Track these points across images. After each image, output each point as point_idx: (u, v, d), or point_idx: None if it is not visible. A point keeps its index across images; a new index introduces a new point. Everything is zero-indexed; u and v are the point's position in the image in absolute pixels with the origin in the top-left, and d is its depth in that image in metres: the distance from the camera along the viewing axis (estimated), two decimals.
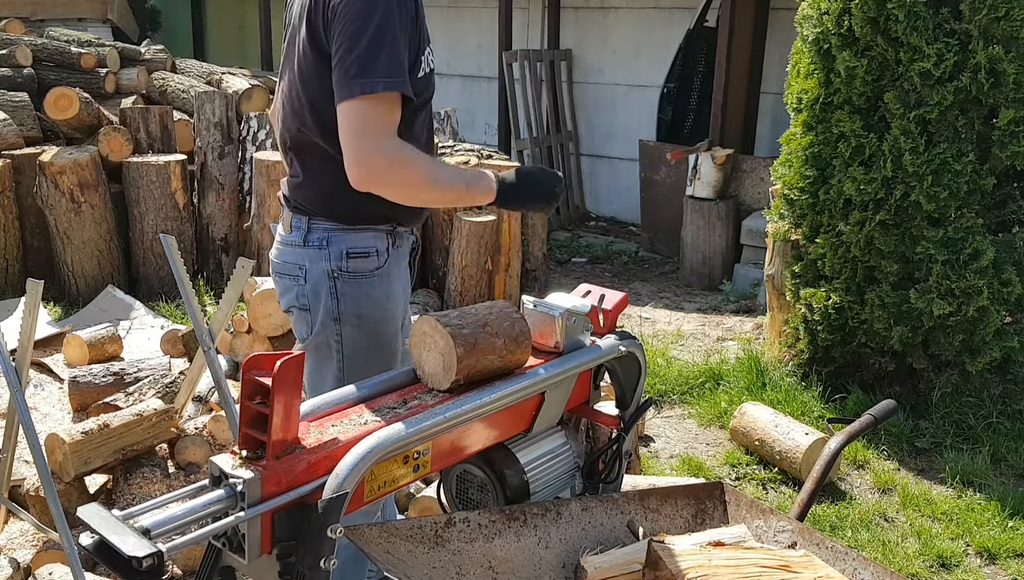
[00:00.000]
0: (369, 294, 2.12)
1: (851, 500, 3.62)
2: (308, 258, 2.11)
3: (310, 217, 2.11)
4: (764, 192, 6.31)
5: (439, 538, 1.52)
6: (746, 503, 1.83)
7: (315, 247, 2.10)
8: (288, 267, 2.16)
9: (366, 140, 1.86)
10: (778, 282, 4.59)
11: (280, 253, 2.19)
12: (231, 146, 5.92)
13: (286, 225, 2.17)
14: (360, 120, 1.86)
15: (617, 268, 7.12)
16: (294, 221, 2.13)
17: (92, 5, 10.13)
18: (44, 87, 6.14)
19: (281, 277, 2.20)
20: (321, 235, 2.10)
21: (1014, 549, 3.26)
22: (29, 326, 2.54)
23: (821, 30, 4.10)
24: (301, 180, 2.12)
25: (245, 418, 1.37)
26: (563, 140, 8.21)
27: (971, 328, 3.95)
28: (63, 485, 2.86)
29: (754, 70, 7.24)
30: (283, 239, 2.18)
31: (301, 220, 2.12)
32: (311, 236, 2.11)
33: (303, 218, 2.11)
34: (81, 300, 5.41)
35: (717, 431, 4.22)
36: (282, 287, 2.22)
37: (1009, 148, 3.81)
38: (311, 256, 2.11)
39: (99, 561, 1.21)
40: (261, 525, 1.34)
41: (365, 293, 2.12)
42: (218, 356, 2.85)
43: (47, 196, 5.34)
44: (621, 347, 1.85)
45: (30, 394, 3.90)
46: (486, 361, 1.64)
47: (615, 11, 8.12)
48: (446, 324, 1.61)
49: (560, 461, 1.86)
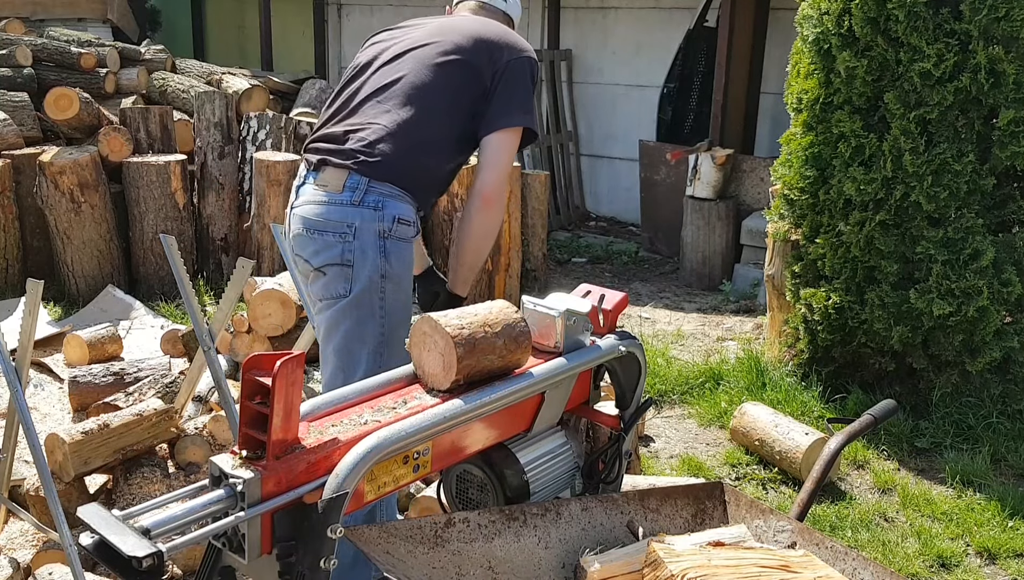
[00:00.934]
0: (407, 260, 2.38)
1: (851, 500, 3.62)
2: (361, 217, 2.29)
3: (371, 179, 2.30)
4: (764, 192, 6.31)
5: (439, 538, 1.52)
6: (746, 503, 1.83)
7: (370, 208, 2.30)
8: (334, 224, 2.31)
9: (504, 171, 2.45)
10: (778, 282, 4.59)
11: (323, 211, 2.33)
12: (231, 146, 5.92)
13: (334, 184, 2.32)
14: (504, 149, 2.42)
15: (617, 268, 7.12)
16: (349, 181, 2.31)
17: (92, 5, 10.12)
18: (44, 87, 6.14)
19: (321, 233, 2.32)
20: (377, 198, 2.30)
21: (1014, 549, 3.26)
22: (29, 326, 2.54)
23: (821, 30, 4.10)
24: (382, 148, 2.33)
25: (245, 418, 1.37)
26: (563, 140, 8.21)
27: (971, 328, 3.95)
28: (63, 485, 2.86)
29: (754, 70, 7.24)
30: (329, 198, 2.33)
31: (360, 180, 2.30)
32: (368, 197, 2.30)
33: (363, 179, 2.30)
34: (81, 300, 5.41)
35: (717, 431, 4.22)
36: (321, 244, 2.33)
37: (1009, 148, 3.81)
38: (364, 216, 2.29)
39: (99, 561, 1.21)
40: (261, 525, 1.34)
41: (405, 258, 2.37)
42: (218, 356, 2.85)
43: (47, 196, 5.34)
44: (621, 347, 1.85)
45: (30, 394, 3.90)
46: (486, 361, 1.63)
47: (615, 11, 8.12)
48: (446, 324, 1.61)
49: (560, 461, 1.86)
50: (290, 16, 10.06)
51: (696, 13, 7.66)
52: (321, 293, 2.38)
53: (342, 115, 2.49)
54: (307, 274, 2.43)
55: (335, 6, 9.83)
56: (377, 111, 2.42)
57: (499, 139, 2.40)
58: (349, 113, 2.48)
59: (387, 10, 9.48)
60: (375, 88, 2.47)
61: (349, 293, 2.31)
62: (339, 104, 2.53)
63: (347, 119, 2.46)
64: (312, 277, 2.41)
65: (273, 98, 7.13)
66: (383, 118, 2.39)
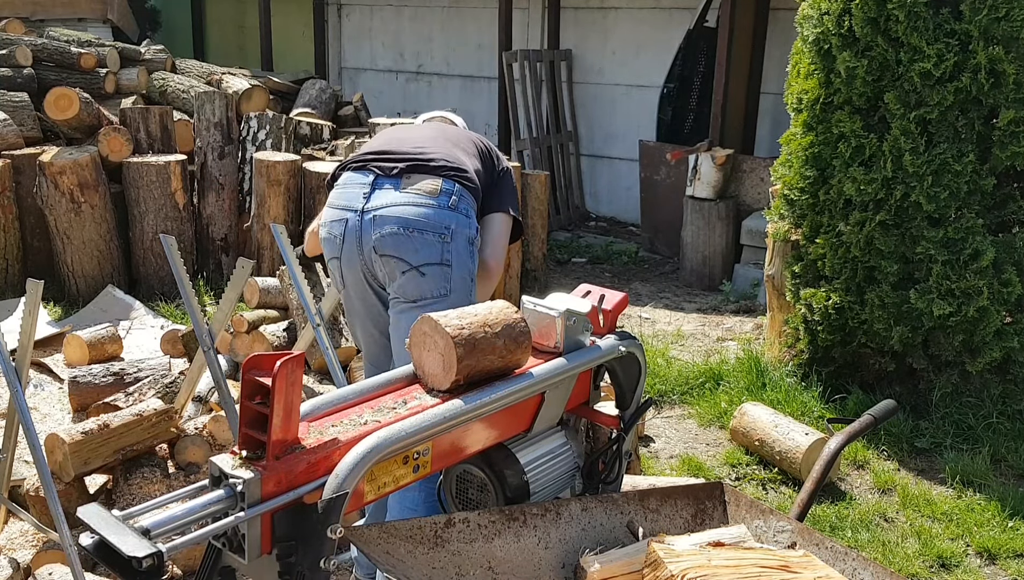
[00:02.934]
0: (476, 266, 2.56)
1: (851, 500, 3.62)
2: (456, 221, 2.42)
3: (463, 188, 2.46)
4: (764, 192, 6.31)
5: (439, 538, 1.52)
6: (746, 503, 1.83)
7: (463, 214, 2.43)
8: (435, 225, 2.41)
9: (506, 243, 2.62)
10: (778, 282, 4.59)
11: (424, 212, 2.42)
12: (231, 146, 5.92)
13: (430, 188, 2.44)
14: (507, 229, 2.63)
15: (617, 268, 7.12)
16: (444, 185, 2.44)
17: (92, 5, 10.12)
18: (44, 87, 6.14)
19: (422, 233, 2.41)
20: (468, 207, 2.47)
21: (1014, 549, 3.26)
22: (29, 326, 2.54)
23: (821, 30, 4.10)
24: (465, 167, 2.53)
25: (245, 418, 1.37)
26: (563, 140, 8.20)
27: (971, 328, 3.95)
28: (63, 485, 2.86)
29: (754, 70, 7.24)
30: (425, 200, 2.42)
31: (454, 186, 2.44)
32: (461, 204, 2.43)
33: (456, 185, 2.45)
34: (81, 300, 5.41)
35: (717, 431, 4.22)
36: (420, 242, 2.41)
37: (1009, 148, 3.81)
38: (459, 221, 2.42)
39: (99, 561, 1.21)
40: (261, 525, 1.34)
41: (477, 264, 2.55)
42: (218, 356, 2.85)
43: (47, 196, 5.34)
44: (621, 347, 1.85)
45: (30, 394, 3.90)
46: (486, 361, 1.63)
47: (615, 11, 8.12)
48: (446, 324, 1.61)
49: (560, 461, 1.85)
50: (290, 16, 10.06)
51: (696, 13, 7.66)
52: (416, 293, 2.43)
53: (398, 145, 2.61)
54: (393, 274, 2.46)
55: (335, 6, 9.83)
56: (439, 145, 2.58)
57: (504, 220, 2.61)
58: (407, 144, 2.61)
59: (387, 10, 9.48)
60: (424, 137, 2.64)
61: (449, 293, 2.41)
62: (382, 144, 2.65)
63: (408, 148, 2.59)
64: (404, 276, 2.44)
65: (273, 98, 7.13)
66: (452, 149, 2.57)
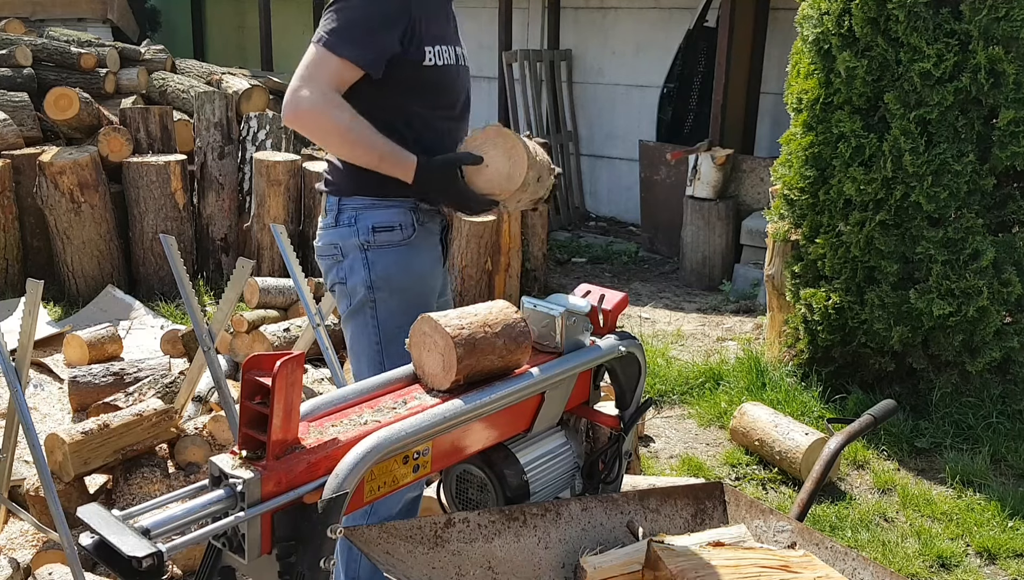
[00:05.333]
0: (398, 262, 2.36)
1: (851, 500, 3.62)
2: (340, 236, 2.35)
3: (340, 197, 2.35)
4: (764, 192, 6.32)
5: (439, 538, 1.52)
6: (746, 503, 1.83)
7: (345, 225, 2.35)
8: (326, 249, 2.40)
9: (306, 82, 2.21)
10: (778, 282, 4.59)
11: (319, 238, 2.43)
12: (231, 146, 5.92)
13: (323, 211, 2.42)
14: (310, 64, 2.23)
15: (617, 268, 7.12)
16: (327, 204, 2.39)
17: (92, 5, 10.12)
18: (44, 87, 6.14)
19: (323, 259, 2.42)
20: (350, 214, 2.35)
21: (1014, 549, 3.26)
22: (29, 326, 2.54)
23: (821, 30, 4.10)
24: (335, 163, 2.38)
25: (245, 418, 1.37)
26: (563, 140, 8.21)
27: (971, 328, 3.95)
28: (63, 485, 2.86)
29: (754, 70, 7.25)
30: (321, 225, 2.42)
31: (333, 201, 2.37)
32: (341, 216, 2.35)
33: (334, 199, 2.36)
34: (81, 300, 5.41)
35: (717, 431, 4.22)
36: (324, 268, 2.44)
37: (1009, 148, 3.81)
38: (343, 234, 2.35)
39: (99, 561, 1.20)
40: (261, 525, 1.34)
41: (394, 262, 2.36)
42: (218, 356, 2.86)
43: (47, 196, 5.34)
44: (621, 347, 1.85)
45: (30, 394, 3.90)
46: (486, 361, 1.63)
47: (615, 11, 8.12)
48: (446, 324, 1.61)
49: (560, 461, 1.85)
50: (290, 16, 10.06)
51: (696, 13, 7.66)
52: (340, 309, 2.47)
53: None
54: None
55: None
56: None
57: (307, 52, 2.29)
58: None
59: None
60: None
61: (348, 308, 2.39)
62: None
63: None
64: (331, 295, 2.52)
65: (273, 98, 7.13)
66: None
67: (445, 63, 2.36)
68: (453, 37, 2.42)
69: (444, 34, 2.37)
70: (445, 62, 2.36)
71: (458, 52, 2.43)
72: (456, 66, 2.40)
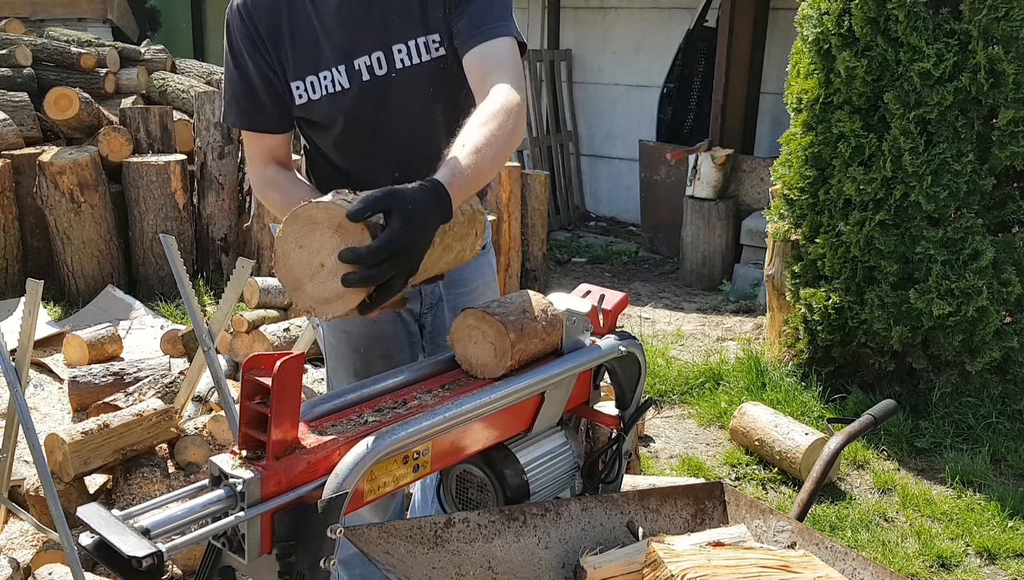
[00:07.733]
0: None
1: (851, 500, 3.62)
2: None
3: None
4: (764, 192, 6.32)
5: (438, 538, 1.52)
6: (746, 503, 1.83)
7: None
8: None
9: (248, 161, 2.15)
10: (778, 282, 4.59)
11: None
12: (231, 146, 5.92)
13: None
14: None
15: (617, 268, 7.12)
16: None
17: (92, 5, 10.12)
18: (44, 87, 6.14)
19: None
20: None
21: (1014, 549, 3.26)
22: (29, 326, 2.54)
23: (821, 30, 4.10)
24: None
25: (245, 418, 1.37)
26: (563, 140, 8.21)
27: (971, 328, 3.95)
28: (63, 485, 2.86)
29: (754, 70, 7.25)
30: None
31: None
32: None
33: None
34: (81, 300, 5.41)
35: (717, 431, 4.22)
36: None
37: (1009, 148, 3.81)
38: None
39: (99, 561, 1.20)
40: (261, 525, 1.34)
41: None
42: (218, 356, 2.85)
43: (47, 196, 5.34)
44: (621, 347, 1.85)
45: (30, 394, 3.90)
46: (532, 345, 1.68)
47: (615, 11, 8.12)
48: (492, 313, 1.65)
49: (560, 461, 1.85)
50: None
51: (696, 13, 7.66)
52: None
53: None
54: None
55: None
56: None
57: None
58: None
59: None
60: None
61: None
62: None
63: None
64: None
65: None
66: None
67: (320, 96, 1.96)
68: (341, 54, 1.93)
69: (319, 59, 1.95)
70: (320, 95, 1.96)
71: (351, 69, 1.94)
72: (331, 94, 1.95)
